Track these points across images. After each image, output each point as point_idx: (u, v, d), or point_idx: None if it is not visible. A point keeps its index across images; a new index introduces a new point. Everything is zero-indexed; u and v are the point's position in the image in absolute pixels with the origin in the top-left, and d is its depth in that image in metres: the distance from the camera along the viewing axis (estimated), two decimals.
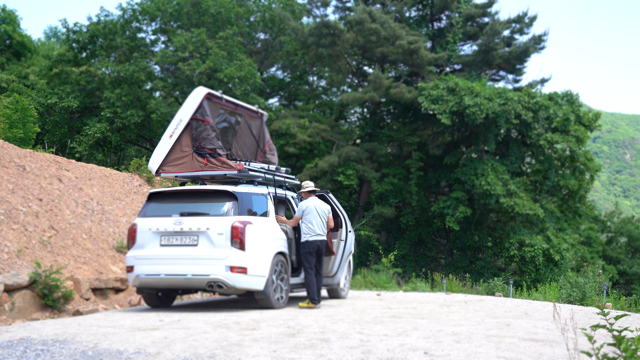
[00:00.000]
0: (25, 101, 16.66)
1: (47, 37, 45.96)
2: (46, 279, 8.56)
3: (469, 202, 25.15)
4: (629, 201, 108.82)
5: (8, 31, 32.62)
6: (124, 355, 4.95)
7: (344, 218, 10.05)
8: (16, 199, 10.48)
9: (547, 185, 25.15)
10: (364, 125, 29.66)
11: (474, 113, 23.25)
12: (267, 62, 31.15)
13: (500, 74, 30.39)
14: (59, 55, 26.30)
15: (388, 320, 7.20)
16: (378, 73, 25.92)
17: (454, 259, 26.96)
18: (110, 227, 12.19)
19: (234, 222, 7.90)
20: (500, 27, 27.73)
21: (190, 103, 9.14)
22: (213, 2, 27.04)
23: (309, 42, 26.48)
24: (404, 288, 17.24)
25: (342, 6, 31.11)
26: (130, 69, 24.41)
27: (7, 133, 15.36)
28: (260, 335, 5.82)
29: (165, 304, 9.04)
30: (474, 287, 19.49)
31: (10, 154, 12.23)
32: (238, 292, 8.15)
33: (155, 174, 9.13)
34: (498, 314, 8.39)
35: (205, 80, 24.43)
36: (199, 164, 8.87)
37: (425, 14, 30.02)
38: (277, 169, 9.75)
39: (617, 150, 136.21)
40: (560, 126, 24.60)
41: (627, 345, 3.58)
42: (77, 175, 13.73)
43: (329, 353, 4.97)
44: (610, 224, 38.77)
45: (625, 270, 33.87)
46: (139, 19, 27.63)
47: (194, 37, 25.22)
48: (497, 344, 5.43)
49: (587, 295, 13.13)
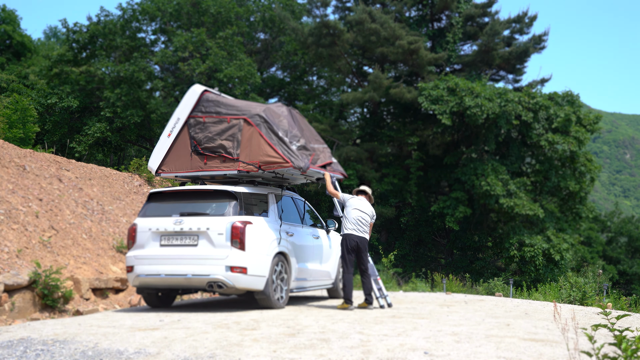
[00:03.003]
0: (25, 101, 16.67)
1: (47, 37, 46.00)
2: (46, 279, 8.56)
3: (468, 202, 25.16)
4: (629, 201, 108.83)
5: (8, 31, 32.64)
6: (124, 355, 4.95)
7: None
8: (16, 199, 10.48)
9: (547, 186, 25.16)
10: (364, 125, 29.66)
11: (475, 114, 23.25)
12: (267, 62, 31.17)
13: (500, 74, 30.40)
14: (58, 55, 26.30)
15: (388, 320, 7.19)
16: (378, 73, 25.92)
17: (454, 259, 26.96)
18: (110, 227, 12.19)
19: (234, 222, 7.90)
20: (500, 27, 27.74)
21: (187, 101, 9.13)
22: (213, 2, 27.05)
23: (309, 42, 26.48)
24: (404, 288, 17.24)
25: (342, 6, 31.12)
26: (130, 69, 24.42)
27: (7, 133, 15.37)
28: (260, 335, 5.82)
29: (165, 304, 9.03)
30: (474, 287, 19.49)
31: (10, 154, 12.23)
32: (238, 292, 8.15)
33: (155, 173, 9.12)
34: (498, 314, 8.38)
35: (205, 80, 24.44)
36: (198, 164, 8.86)
37: (425, 14, 30.03)
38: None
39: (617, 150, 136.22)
40: (561, 127, 24.60)
41: (627, 345, 3.58)
42: (77, 175, 13.73)
43: (329, 353, 4.97)
44: (610, 224, 38.78)
45: (625, 270, 33.90)
46: (139, 19, 27.63)
47: (194, 37, 25.23)
48: (497, 344, 5.43)
49: (587, 295, 13.13)
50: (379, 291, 9.16)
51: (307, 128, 9.97)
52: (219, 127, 8.86)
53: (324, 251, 10.03)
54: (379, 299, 9.04)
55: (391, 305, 9.16)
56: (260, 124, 8.67)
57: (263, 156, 8.53)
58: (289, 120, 9.33)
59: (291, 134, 9.02)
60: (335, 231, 10.90)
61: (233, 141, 8.72)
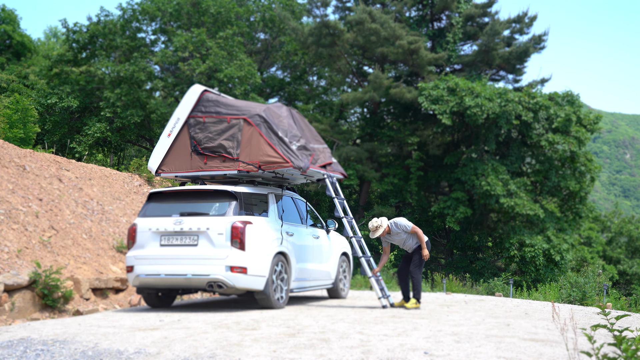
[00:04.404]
0: (25, 101, 16.66)
1: (47, 37, 45.95)
2: (46, 279, 8.56)
3: (469, 203, 25.15)
4: (629, 201, 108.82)
5: (8, 31, 32.62)
6: (124, 355, 4.95)
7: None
8: (16, 199, 10.48)
9: (547, 186, 25.16)
10: (364, 125, 29.66)
11: (475, 114, 23.26)
12: (267, 62, 31.15)
13: (500, 74, 30.39)
14: (58, 55, 26.29)
15: (388, 320, 7.19)
16: (378, 73, 25.92)
17: (454, 259, 26.96)
18: (110, 227, 12.19)
19: (234, 222, 7.90)
20: (500, 27, 27.73)
21: (187, 101, 9.14)
22: (213, 2, 27.04)
23: (309, 42, 26.48)
24: None
25: (342, 6, 31.11)
26: (130, 69, 24.41)
27: (8, 133, 15.36)
28: (260, 335, 5.82)
29: (165, 304, 9.03)
30: (474, 287, 19.49)
31: (10, 154, 12.23)
32: (238, 292, 8.15)
33: (155, 173, 9.12)
34: (498, 314, 8.38)
35: (205, 80, 24.43)
36: (198, 164, 8.87)
37: (425, 14, 30.03)
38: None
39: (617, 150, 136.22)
40: (562, 127, 24.61)
41: (627, 345, 3.58)
42: (77, 175, 13.73)
43: (329, 353, 4.97)
44: (610, 224, 38.77)
45: (625, 270, 33.88)
46: (139, 19, 27.62)
47: (194, 37, 25.22)
48: (497, 344, 5.43)
49: (587, 295, 13.14)
50: (381, 291, 9.17)
51: (307, 128, 9.97)
52: (219, 127, 8.86)
53: (324, 251, 10.03)
54: (381, 299, 9.05)
55: (394, 305, 9.17)
56: (260, 124, 8.67)
57: (263, 156, 8.53)
58: (288, 120, 9.34)
59: (291, 134, 9.03)
60: (336, 231, 10.91)
61: (233, 141, 8.73)
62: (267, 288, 8.16)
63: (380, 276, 9.35)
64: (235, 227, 7.86)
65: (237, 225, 7.87)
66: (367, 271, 9.17)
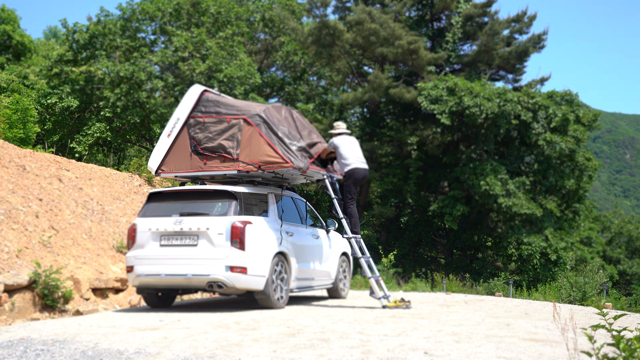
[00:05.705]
0: (25, 101, 16.66)
1: (47, 37, 45.96)
2: (46, 279, 8.57)
3: (466, 201, 25.14)
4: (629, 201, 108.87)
5: (8, 31, 32.63)
6: (124, 355, 4.96)
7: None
8: (16, 199, 10.48)
9: (545, 185, 25.17)
10: (363, 125, 29.67)
11: (474, 114, 23.27)
12: (267, 62, 31.15)
13: (500, 74, 30.39)
14: (58, 55, 26.29)
15: (388, 320, 7.20)
16: (378, 73, 25.92)
17: (453, 258, 26.97)
18: (110, 227, 12.20)
19: (234, 221, 7.91)
20: (500, 27, 27.74)
21: (187, 101, 9.14)
22: (213, 2, 27.04)
23: (309, 42, 26.48)
24: (403, 288, 17.25)
25: (342, 6, 31.11)
26: (130, 69, 24.42)
27: (7, 133, 15.36)
28: (260, 335, 5.83)
29: (165, 304, 9.04)
30: (474, 287, 19.50)
31: (10, 154, 12.24)
32: (238, 292, 8.16)
33: (155, 173, 9.12)
34: (498, 314, 8.39)
35: (205, 80, 24.44)
36: (198, 164, 8.87)
37: (425, 14, 30.03)
38: None
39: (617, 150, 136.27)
40: (560, 126, 24.61)
41: (626, 345, 3.58)
42: (77, 175, 13.74)
43: (329, 353, 4.97)
44: (610, 224, 38.80)
45: (625, 270, 33.90)
46: (139, 19, 27.62)
47: (194, 37, 25.22)
48: (497, 344, 5.44)
49: (587, 295, 13.14)
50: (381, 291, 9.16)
51: (307, 128, 9.97)
52: (219, 127, 8.86)
53: (324, 251, 10.03)
54: (381, 299, 9.04)
55: (386, 306, 9.15)
56: (260, 124, 8.67)
57: (263, 156, 8.54)
58: (288, 120, 9.34)
59: (291, 134, 9.03)
60: (336, 231, 10.91)
61: (233, 141, 8.73)
62: (267, 288, 8.17)
63: (379, 276, 9.34)
64: (235, 227, 7.86)
65: (237, 225, 7.87)
66: (366, 272, 9.15)
